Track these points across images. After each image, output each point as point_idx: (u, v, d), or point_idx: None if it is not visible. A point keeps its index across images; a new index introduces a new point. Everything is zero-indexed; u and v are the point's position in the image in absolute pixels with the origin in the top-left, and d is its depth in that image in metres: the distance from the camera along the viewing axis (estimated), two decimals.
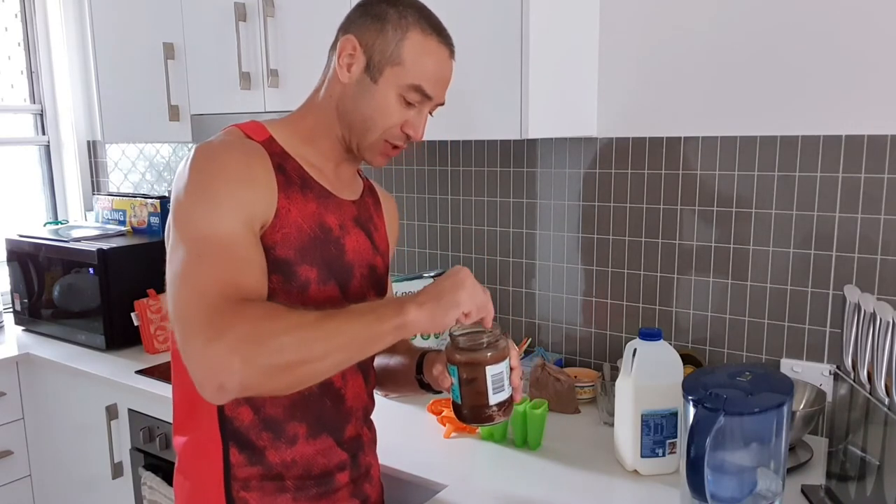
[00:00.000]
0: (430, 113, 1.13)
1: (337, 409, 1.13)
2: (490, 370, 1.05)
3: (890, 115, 1.43)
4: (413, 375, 1.20)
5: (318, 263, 1.06)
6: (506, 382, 1.07)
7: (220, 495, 1.07)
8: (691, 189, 1.66)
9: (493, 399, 1.06)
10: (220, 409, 1.06)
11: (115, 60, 2.28)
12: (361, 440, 1.19)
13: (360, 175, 1.24)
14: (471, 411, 1.08)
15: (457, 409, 1.10)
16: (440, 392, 1.18)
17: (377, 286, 1.18)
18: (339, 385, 1.12)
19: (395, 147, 1.11)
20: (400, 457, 1.42)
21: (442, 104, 1.13)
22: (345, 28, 1.10)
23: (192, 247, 0.94)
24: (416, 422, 1.61)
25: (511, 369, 1.08)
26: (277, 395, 1.04)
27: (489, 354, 1.05)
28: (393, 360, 1.27)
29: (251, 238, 0.98)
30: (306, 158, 1.10)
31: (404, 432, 1.55)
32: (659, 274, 1.73)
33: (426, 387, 1.19)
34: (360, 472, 1.19)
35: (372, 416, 1.24)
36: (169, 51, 2.10)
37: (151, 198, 2.55)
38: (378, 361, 1.27)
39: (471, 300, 0.99)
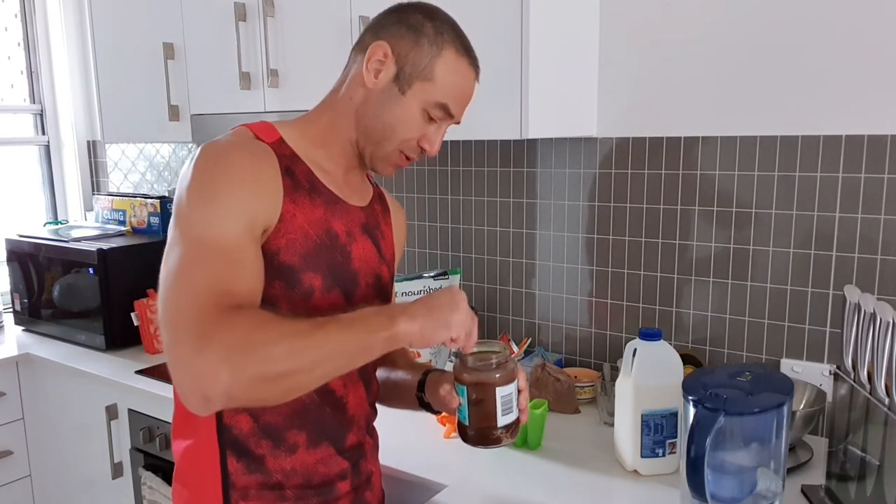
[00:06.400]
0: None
1: (338, 418, 1.11)
2: (500, 391, 1.04)
3: (890, 115, 1.43)
4: (414, 393, 1.18)
5: (322, 271, 1.04)
6: (514, 404, 1.06)
7: None
8: (691, 189, 1.66)
9: (502, 421, 1.05)
10: (219, 416, 1.04)
11: (115, 60, 2.28)
12: (363, 448, 1.17)
13: (370, 181, 1.22)
14: (477, 433, 1.07)
15: (462, 429, 1.08)
16: (440, 413, 1.18)
17: (382, 295, 1.16)
18: (340, 394, 1.10)
19: (408, 158, 1.11)
20: (400, 457, 1.42)
21: (458, 123, 1.13)
22: (375, 32, 1.07)
23: (190, 249, 0.93)
24: (415, 422, 1.61)
25: (518, 391, 1.07)
26: (263, 405, 1.02)
27: (499, 375, 1.04)
28: (394, 375, 1.24)
29: (251, 243, 0.96)
30: (316, 162, 1.08)
31: (404, 432, 1.55)
32: (659, 274, 1.73)
33: (426, 406, 1.17)
34: (361, 479, 1.17)
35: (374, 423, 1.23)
36: (169, 51, 2.10)
37: (151, 198, 2.55)
38: (379, 374, 1.24)
39: (461, 326, 0.99)
